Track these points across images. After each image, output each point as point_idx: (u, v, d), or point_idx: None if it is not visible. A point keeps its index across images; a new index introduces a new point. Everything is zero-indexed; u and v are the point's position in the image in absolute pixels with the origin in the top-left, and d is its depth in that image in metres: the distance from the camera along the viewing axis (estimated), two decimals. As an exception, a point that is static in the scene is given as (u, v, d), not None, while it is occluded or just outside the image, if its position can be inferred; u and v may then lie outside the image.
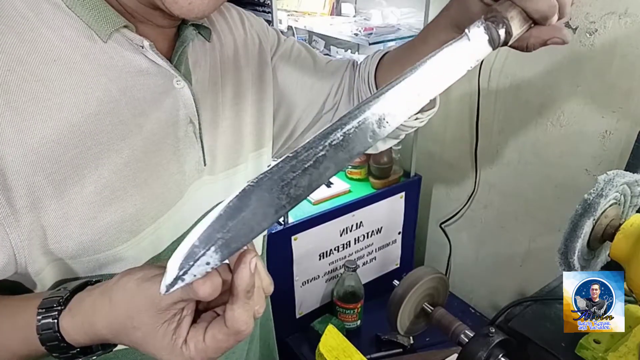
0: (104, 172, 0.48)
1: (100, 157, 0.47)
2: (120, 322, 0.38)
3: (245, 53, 0.65)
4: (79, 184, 0.46)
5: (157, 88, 0.52)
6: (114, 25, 0.48)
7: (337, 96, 0.72)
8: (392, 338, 1.42)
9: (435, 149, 1.71)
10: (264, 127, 0.68)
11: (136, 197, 0.51)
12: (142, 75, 0.51)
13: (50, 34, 0.45)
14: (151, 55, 0.51)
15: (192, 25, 0.57)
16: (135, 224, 0.51)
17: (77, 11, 0.46)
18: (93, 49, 0.47)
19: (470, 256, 1.71)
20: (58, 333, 0.40)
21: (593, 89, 1.19)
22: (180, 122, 0.54)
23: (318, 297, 1.57)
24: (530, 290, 1.38)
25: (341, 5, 1.83)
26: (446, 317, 0.87)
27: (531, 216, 1.45)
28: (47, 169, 0.44)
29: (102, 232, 0.49)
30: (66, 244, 0.47)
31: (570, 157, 1.29)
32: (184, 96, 0.54)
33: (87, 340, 0.41)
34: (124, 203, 0.50)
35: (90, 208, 0.48)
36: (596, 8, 1.13)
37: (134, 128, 0.50)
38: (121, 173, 0.49)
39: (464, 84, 1.50)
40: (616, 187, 0.73)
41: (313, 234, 1.43)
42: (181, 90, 0.54)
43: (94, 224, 0.48)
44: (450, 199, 1.71)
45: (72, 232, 0.47)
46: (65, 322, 0.40)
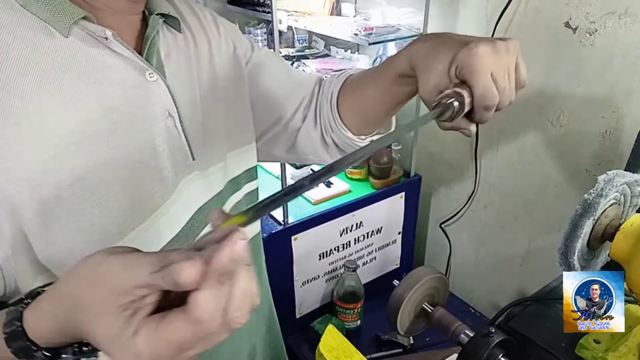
0: (81, 174, 0.46)
1: (76, 158, 0.45)
2: (75, 297, 0.32)
3: (219, 55, 0.64)
4: (56, 188, 0.44)
5: (126, 82, 0.49)
6: (72, 17, 0.45)
7: (306, 110, 0.72)
8: (392, 338, 1.42)
9: (435, 149, 1.71)
10: (248, 124, 0.68)
11: (120, 197, 0.49)
12: (109, 69, 0.48)
13: (5, 35, 0.43)
14: (117, 47, 0.48)
15: (159, 14, 0.55)
16: (121, 225, 0.49)
17: (32, 9, 0.44)
18: (53, 47, 0.45)
19: (470, 256, 1.71)
20: (21, 327, 0.35)
21: (593, 89, 1.19)
22: (158, 117, 0.52)
23: (318, 297, 1.57)
24: (530, 290, 1.38)
25: (341, 5, 1.83)
26: (446, 317, 0.86)
27: (531, 216, 1.45)
28: (21, 176, 0.43)
29: (87, 235, 0.47)
30: (50, 250, 0.45)
31: (570, 157, 1.29)
32: (158, 89, 0.52)
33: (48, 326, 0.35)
34: (107, 204, 0.48)
35: (72, 213, 0.46)
36: (596, 8, 1.13)
37: (108, 126, 0.48)
38: (99, 173, 0.47)
39: (464, 84, 1.50)
40: (616, 187, 0.73)
41: (313, 234, 1.43)
42: (154, 82, 0.52)
43: (77, 228, 0.46)
44: (450, 199, 1.71)
45: (56, 238, 0.45)
46: (28, 312, 0.36)
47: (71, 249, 0.46)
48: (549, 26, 1.24)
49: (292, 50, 2.01)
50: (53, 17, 0.45)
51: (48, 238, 0.45)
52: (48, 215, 0.44)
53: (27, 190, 0.43)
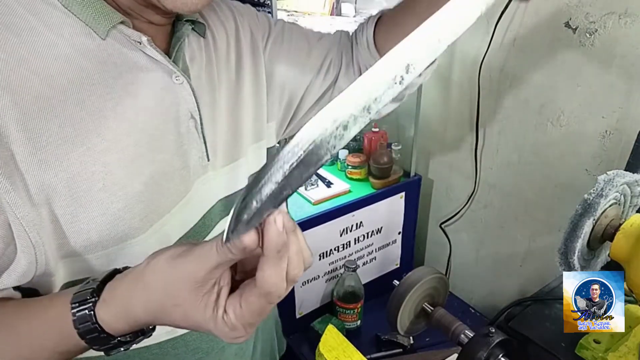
0: (111, 168, 0.48)
1: (106, 154, 0.48)
2: (158, 303, 0.38)
3: (238, 46, 0.66)
4: (87, 181, 0.47)
5: (156, 84, 0.52)
6: (112, 21, 0.48)
7: (335, 71, 0.72)
8: (392, 338, 1.42)
9: (435, 149, 1.71)
10: (262, 118, 0.69)
11: (143, 193, 0.51)
12: (141, 72, 0.51)
13: (48, 33, 0.45)
14: (149, 51, 0.51)
15: (187, 21, 0.57)
16: (143, 220, 0.52)
17: (73, 10, 0.47)
18: (91, 47, 0.48)
19: (470, 256, 1.71)
20: (97, 324, 0.40)
21: (593, 89, 1.19)
22: (182, 118, 0.55)
23: (318, 297, 1.56)
24: (530, 290, 1.38)
25: (341, 5, 1.83)
26: (446, 317, 0.87)
27: (531, 216, 1.45)
28: (55, 167, 0.45)
29: (111, 228, 0.50)
30: (76, 239, 0.48)
31: (570, 157, 1.29)
32: (184, 92, 0.54)
33: (127, 327, 0.41)
34: (131, 199, 0.50)
35: (99, 204, 0.48)
36: (596, 8, 1.13)
37: (138, 124, 0.50)
38: (127, 169, 0.50)
39: (464, 84, 1.50)
40: (616, 187, 0.73)
41: (313, 234, 1.43)
42: (180, 85, 0.54)
43: (102, 220, 0.49)
44: (450, 199, 1.71)
45: (82, 228, 0.48)
46: (102, 312, 0.40)
47: (93, 239, 0.49)
48: (549, 26, 1.24)
49: (292, 50, 2.00)
50: (93, 19, 0.47)
51: (75, 228, 0.48)
52: (77, 206, 0.47)
53: (63, 182, 0.46)
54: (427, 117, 1.65)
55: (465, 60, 1.47)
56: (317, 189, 1.54)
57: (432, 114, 1.65)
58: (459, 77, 1.52)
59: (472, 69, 1.44)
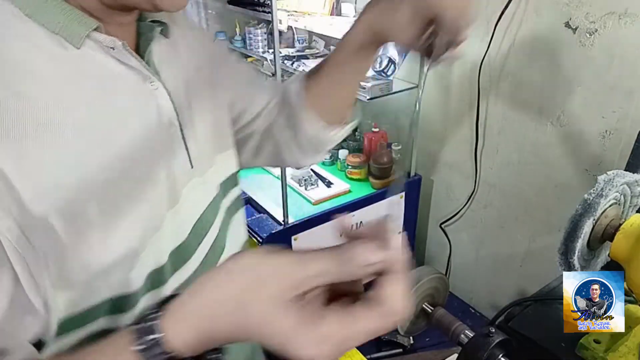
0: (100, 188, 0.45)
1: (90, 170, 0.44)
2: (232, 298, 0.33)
3: (199, 55, 0.63)
4: (74, 203, 0.43)
5: (134, 92, 0.49)
6: (87, 27, 0.44)
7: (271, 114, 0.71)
8: (392, 338, 1.42)
9: (435, 149, 1.71)
10: (227, 126, 0.67)
11: (133, 209, 0.48)
12: (118, 79, 0.47)
13: (21, 43, 0.42)
14: (123, 57, 0.47)
15: (152, 21, 0.54)
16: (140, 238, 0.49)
17: (38, 19, 0.42)
18: (66, 57, 0.43)
19: (470, 256, 1.71)
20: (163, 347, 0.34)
21: (593, 89, 1.19)
22: (162, 125, 0.52)
23: (318, 297, 1.56)
24: (530, 290, 1.38)
25: (341, 5, 1.83)
26: (446, 317, 0.86)
27: (531, 216, 1.45)
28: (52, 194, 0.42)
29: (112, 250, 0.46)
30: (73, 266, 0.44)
31: (570, 157, 1.29)
32: (161, 98, 0.51)
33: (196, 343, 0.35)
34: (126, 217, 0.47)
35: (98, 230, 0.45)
36: (596, 8, 1.13)
37: (119, 137, 0.47)
38: (120, 189, 0.46)
39: (464, 84, 1.50)
40: (616, 187, 0.73)
41: (313, 234, 1.43)
42: (156, 91, 0.51)
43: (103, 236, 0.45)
44: (450, 199, 1.71)
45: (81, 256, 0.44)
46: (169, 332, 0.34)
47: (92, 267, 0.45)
48: (549, 26, 1.24)
49: (292, 51, 2.01)
50: (65, 28, 0.43)
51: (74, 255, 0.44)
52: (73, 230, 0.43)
53: (53, 208, 0.42)
54: (427, 117, 1.65)
55: (465, 61, 1.47)
56: (317, 189, 1.54)
57: (432, 114, 1.65)
58: (459, 77, 1.52)
59: (472, 69, 1.44)
